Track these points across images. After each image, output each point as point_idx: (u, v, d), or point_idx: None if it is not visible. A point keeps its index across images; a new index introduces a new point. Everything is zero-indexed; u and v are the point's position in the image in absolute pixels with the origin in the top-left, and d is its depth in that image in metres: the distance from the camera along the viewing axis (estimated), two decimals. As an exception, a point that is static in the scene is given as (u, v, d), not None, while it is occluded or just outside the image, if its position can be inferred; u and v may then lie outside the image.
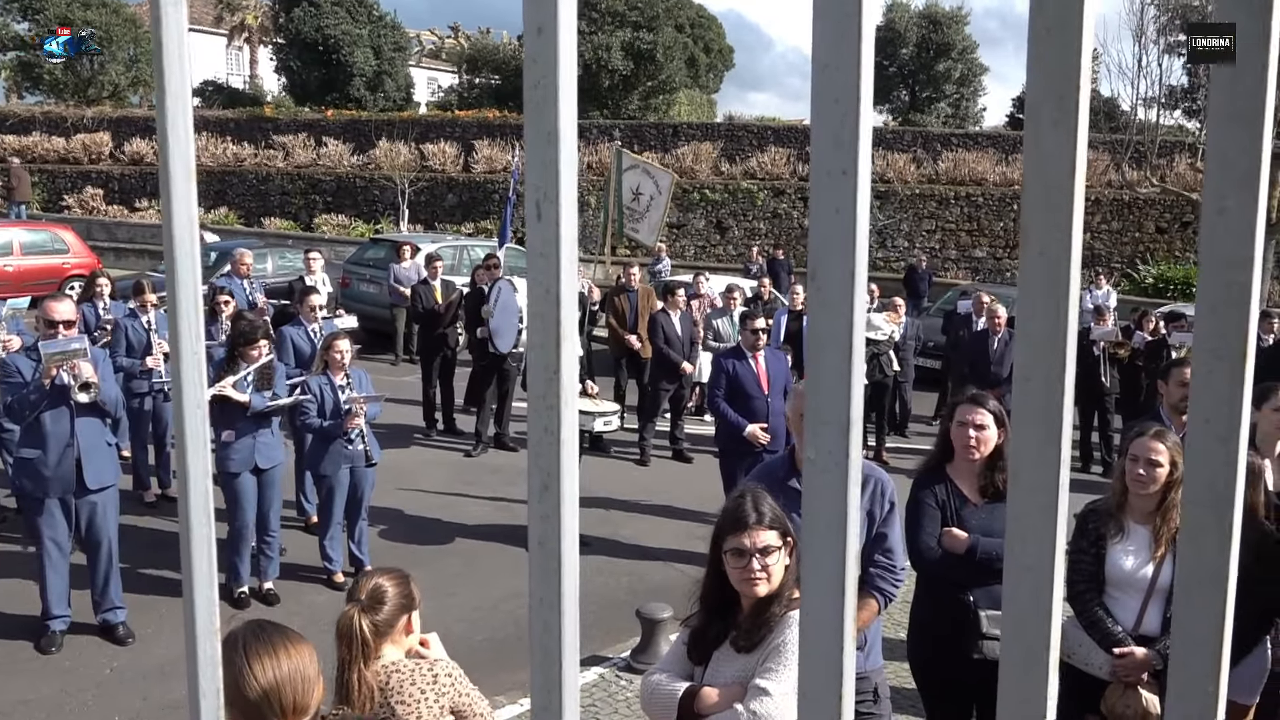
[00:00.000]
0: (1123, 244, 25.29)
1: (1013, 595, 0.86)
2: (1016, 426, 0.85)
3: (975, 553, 3.87)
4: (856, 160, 0.73)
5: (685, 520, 8.78)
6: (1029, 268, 0.84)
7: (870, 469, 3.97)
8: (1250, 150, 0.93)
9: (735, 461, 7.44)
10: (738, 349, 8.08)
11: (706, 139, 28.69)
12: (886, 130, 30.65)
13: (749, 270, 20.62)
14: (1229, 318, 0.94)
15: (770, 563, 2.74)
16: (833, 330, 0.75)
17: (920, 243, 25.79)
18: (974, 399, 4.03)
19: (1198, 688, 0.97)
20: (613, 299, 12.28)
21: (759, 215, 26.40)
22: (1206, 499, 0.95)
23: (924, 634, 4.11)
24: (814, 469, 0.75)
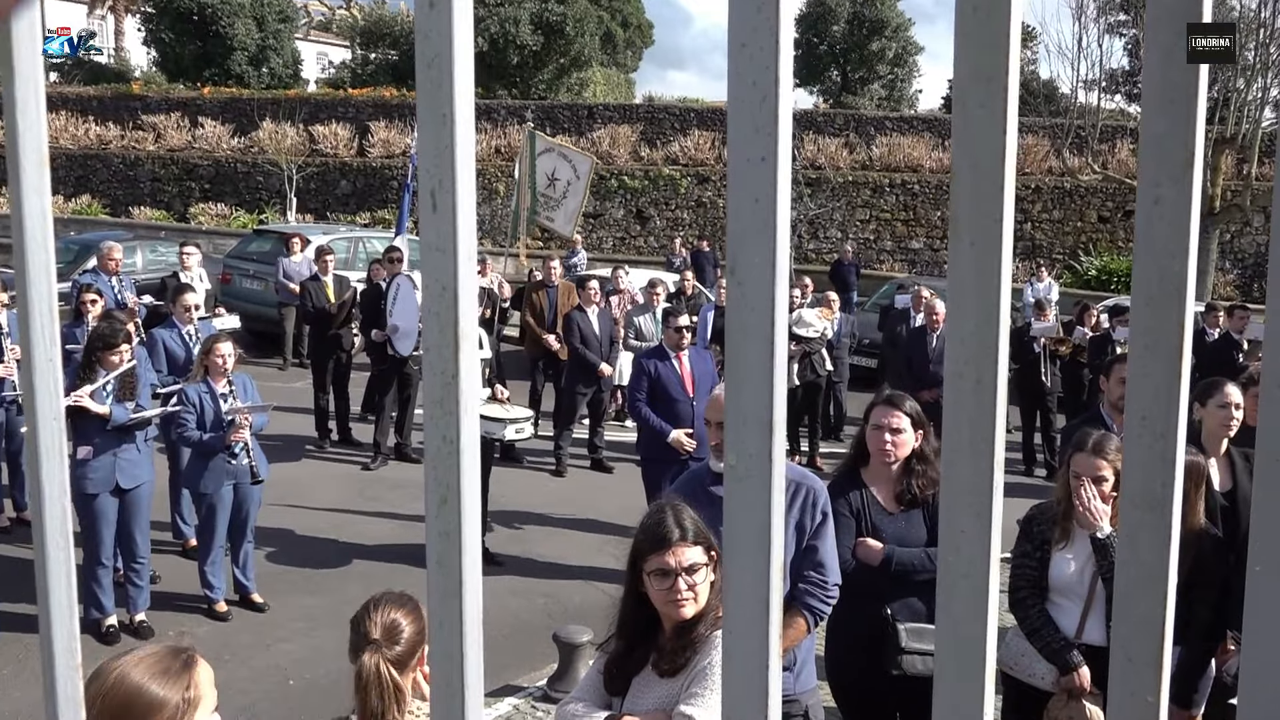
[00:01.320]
0: (1064, 234, 26.02)
1: (947, 604, 0.89)
2: (948, 427, 0.88)
3: (891, 564, 3.95)
4: (776, 146, 0.75)
5: (606, 534, 8.78)
6: (959, 259, 0.86)
7: (802, 476, 4.02)
8: (1185, 138, 0.97)
9: (659, 470, 7.46)
10: (660, 349, 8.11)
11: (624, 121, 28.75)
12: (817, 113, 31.07)
13: (672, 263, 20.72)
14: (1165, 310, 0.98)
15: (696, 581, 2.75)
16: (753, 325, 0.76)
17: (854, 233, 26.20)
18: (889, 400, 4.11)
19: (1138, 696, 1.01)
20: (530, 295, 12.23)
21: (682, 204, 26.56)
22: (1144, 499, 0.98)
23: (841, 650, 4.18)
24: (735, 475, 0.76)
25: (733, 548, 0.78)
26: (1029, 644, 3.90)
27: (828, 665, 4.31)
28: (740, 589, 0.77)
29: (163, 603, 7.01)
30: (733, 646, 0.77)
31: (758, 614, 0.76)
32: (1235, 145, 21.89)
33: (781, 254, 0.75)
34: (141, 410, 6.67)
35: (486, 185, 26.99)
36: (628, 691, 2.84)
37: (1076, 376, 12.10)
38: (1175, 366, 0.97)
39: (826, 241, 26.22)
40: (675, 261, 20.83)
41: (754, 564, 0.76)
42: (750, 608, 0.76)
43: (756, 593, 0.76)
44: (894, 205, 26.50)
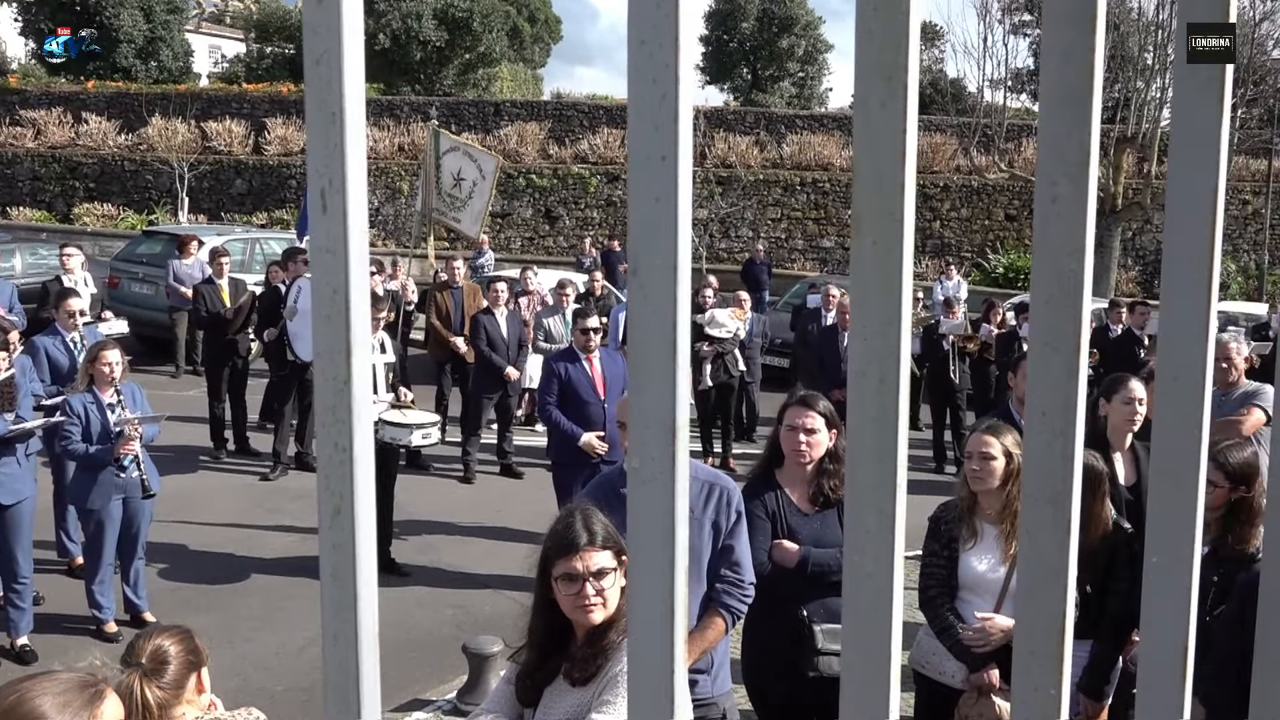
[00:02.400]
0: (972, 232, 26.66)
1: (853, 603, 0.90)
2: (852, 426, 0.89)
3: (807, 565, 4.00)
4: (676, 144, 0.75)
5: (517, 542, 8.74)
6: (861, 258, 0.88)
7: (716, 477, 4.05)
8: (1081, 136, 1.00)
9: (570, 474, 7.45)
10: (570, 351, 8.09)
11: (532, 118, 28.66)
12: (728, 111, 31.36)
13: (582, 264, 20.72)
14: (1063, 308, 1.01)
15: (605, 586, 2.75)
16: (655, 325, 0.76)
17: (765, 232, 26.49)
18: (803, 401, 4.17)
19: (1040, 689, 1.04)
20: (435, 297, 12.10)
21: (592, 203, 26.56)
22: (1044, 494, 1.02)
23: (757, 653, 4.22)
24: (638, 478, 0.76)
25: (637, 551, 0.78)
26: (940, 642, 3.98)
27: (744, 669, 4.35)
28: (644, 592, 0.77)
29: (47, 625, 6.78)
30: (637, 650, 0.78)
31: (662, 617, 0.76)
32: (1136, 144, 22.66)
33: (683, 253, 0.76)
34: (22, 422, 6.44)
35: (390, 184, 26.67)
36: (539, 702, 2.83)
37: (984, 374, 12.39)
38: (1073, 363, 1.00)
39: (738, 241, 26.46)
40: (585, 262, 20.83)
41: (658, 567, 0.76)
42: (654, 610, 0.77)
43: (660, 595, 0.76)
44: (805, 204, 26.85)
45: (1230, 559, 3.76)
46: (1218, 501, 3.86)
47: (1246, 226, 26.75)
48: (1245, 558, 3.69)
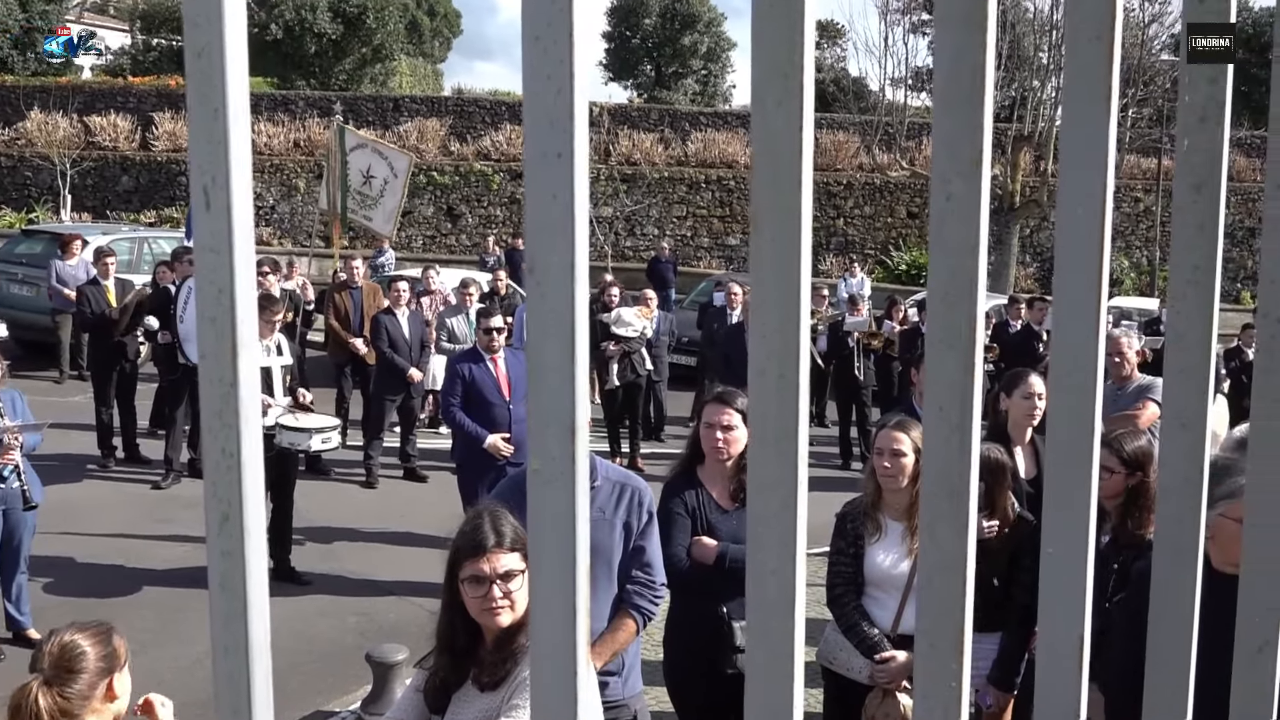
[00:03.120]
0: (875, 229, 27.16)
1: (756, 600, 0.91)
2: (753, 423, 0.91)
3: (725, 561, 4.05)
4: (573, 141, 0.75)
5: (422, 547, 8.65)
6: (760, 255, 0.89)
7: (626, 477, 4.07)
8: (973, 135, 1.03)
9: (476, 477, 7.41)
10: (474, 351, 8.05)
11: (433, 114, 28.38)
12: (632, 108, 31.45)
13: (485, 262, 20.59)
14: (958, 305, 1.03)
15: (513, 589, 2.74)
16: (554, 324, 0.76)
17: (671, 230, 26.63)
18: (720, 398, 4.21)
19: (941, 682, 1.06)
20: (333, 297, 11.93)
21: (495, 200, 26.41)
22: (942, 488, 1.04)
23: (679, 651, 4.26)
24: (539, 479, 0.76)
25: (539, 553, 0.78)
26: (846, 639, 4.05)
27: (665, 668, 4.37)
28: (547, 594, 0.77)
29: (-78, 645, 6.51)
30: (540, 652, 0.78)
31: (564, 618, 0.76)
32: (1033, 142, 23.32)
33: (580, 252, 0.76)
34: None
35: (286, 181, 26.17)
36: (448, 708, 2.81)
37: (888, 370, 12.64)
38: (969, 359, 1.03)
39: (643, 239, 26.55)
40: (489, 260, 20.71)
41: (560, 568, 0.76)
42: (556, 612, 0.77)
43: (563, 597, 0.76)
44: (710, 201, 27.06)
45: (1129, 545, 3.89)
46: (1116, 488, 3.99)
47: (1138, 224, 27.72)
48: (1144, 544, 3.81)
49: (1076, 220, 1.13)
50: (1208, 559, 3.03)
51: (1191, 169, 1.34)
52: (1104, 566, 3.98)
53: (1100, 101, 1.11)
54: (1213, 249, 1.34)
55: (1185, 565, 1.34)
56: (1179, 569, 1.35)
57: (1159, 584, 1.37)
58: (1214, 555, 3.04)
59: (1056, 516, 1.15)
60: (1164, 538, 1.37)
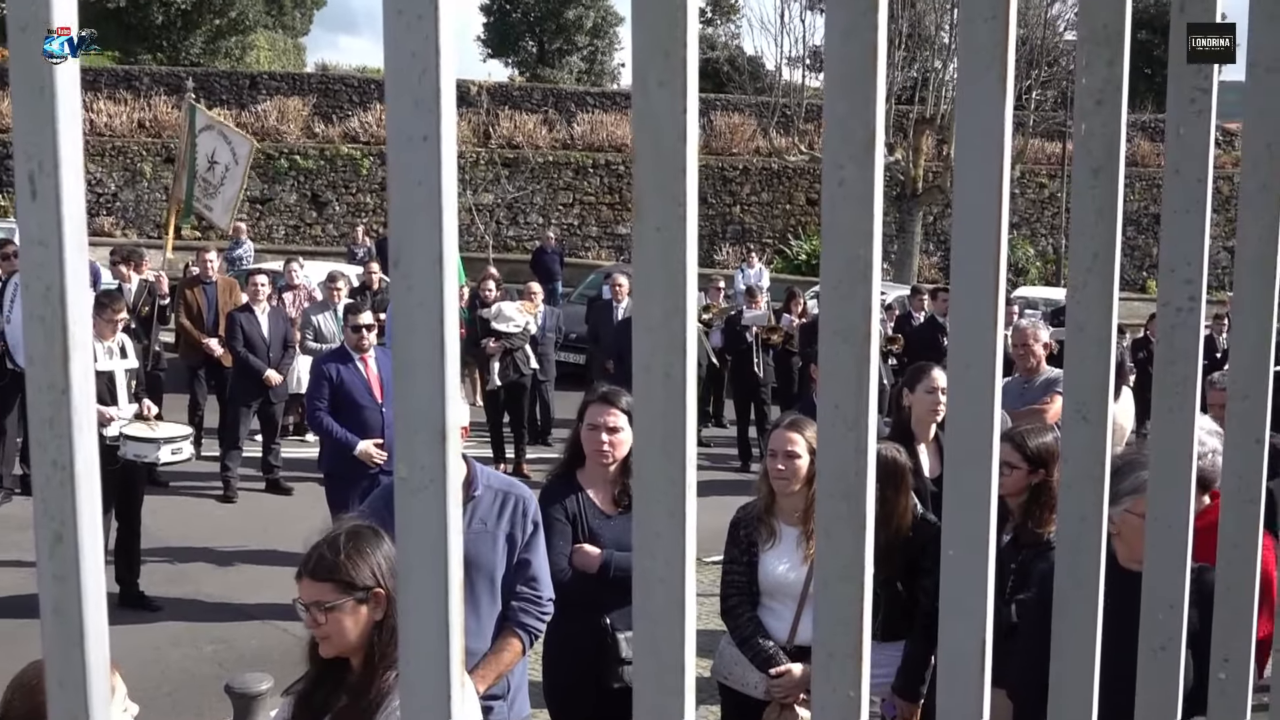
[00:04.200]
0: (774, 217, 27.50)
1: (644, 610, 0.92)
2: (638, 423, 0.91)
3: (609, 569, 4.06)
4: (439, 123, 0.75)
5: (286, 566, 8.41)
6: (644, 245, 0.90)
7: (509, 485, 4.05)
8: (865, 117, 1.05)
9: (346, 487, 7.31)
10: (342, 351, 7.93)
11: (295, 93, 27.83)
12: (513, 87, 31.29)
13: (354, 254, 20.26)
14: (852, 295, 1.06)
15: (321, 621, 2.74)
16: (421, 321, 0.76)
17: (557, 218, 26.58)
18: (605, 397, 4.22)
19: (839, 691, 1.09)
20: (184, 293, 11.64)
21: (364, 187, 26.01)
22: (838, 489, 1.06)
23: (560, 667, 4.26)
24: (407, 487, 0.76)
25: (408, 568, 0.77)
26: (741, 653, 4.09)
27: (545, 686, 4.36)
28: (417, 613, 0.77)
29: None
30: (410, 678, 0.77)
31: (436, 640, 0.76)
32: (935, 126, 23.87)
33: (449, 243, 0.76)
34: None
35: (130, 165, 25.41)
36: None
37: (788, 366, 12.80)
38: (864, 353, 1.05)
39: (527, 228, 26.45)
40: (358, 252, 20.38)
41: (431, 584, 0.76)
42: (428, 633, 0.76)
43: (435, 617, 0.76)
44: (599, 187, 27.08)
45: (1030, 544, 4.00)
46: (1018, 486, 4.10)
47: (1044, 210, 28.59)
48: (1044, 543, 3.93)
49: (973, 206, 1.17)
50: (1113, 556, 3.16)
51: (1090, 153, 1.39)
52: (1004, 566, 4.10)
53: (996, 83, 1.15)
54: (1112, 235, 1.39)
55: (1088, 563, 1.39)
56: (1081, 566, 1.40)
57: (1062, 582, 1.42)
58: (1120, 552, 3.16)
59: (956, 517, 1.19)
60: (1066, 535, 1.42)
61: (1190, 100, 1.53)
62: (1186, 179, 1.53)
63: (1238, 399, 1.70)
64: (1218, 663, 1.75)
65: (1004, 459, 4.09)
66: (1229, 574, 1.71)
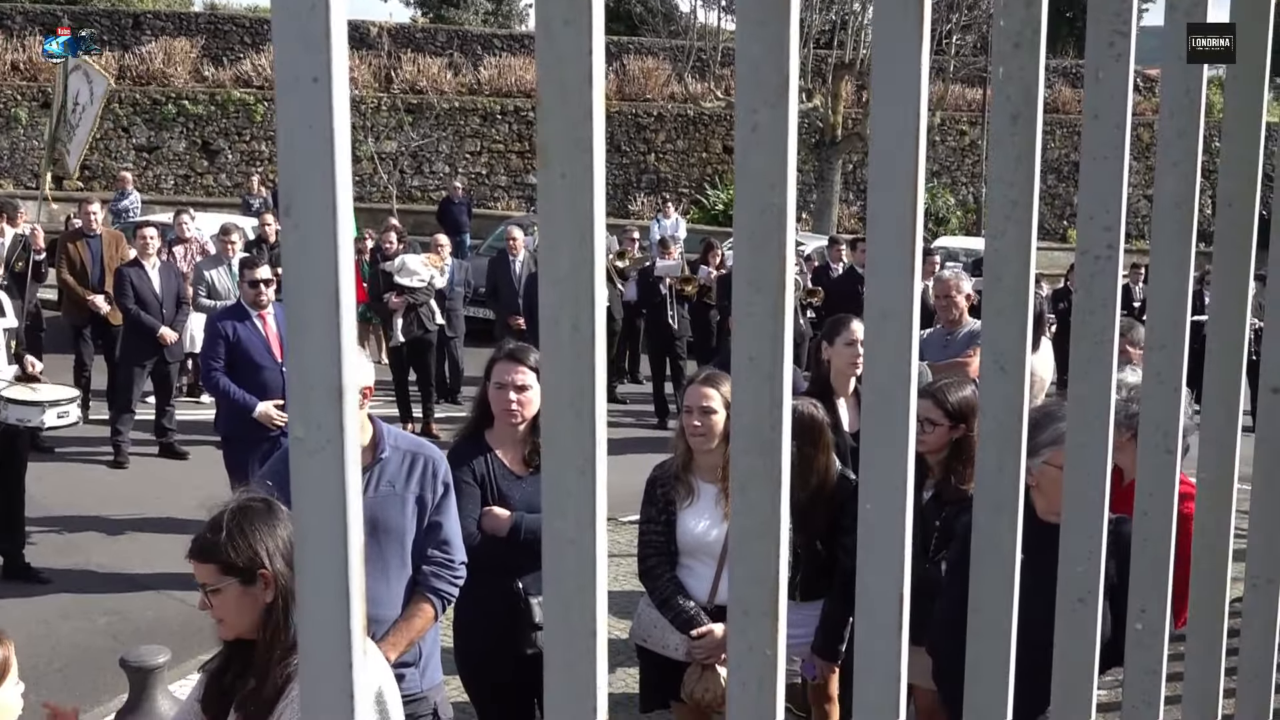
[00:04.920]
0: (690, 166, 27.50)
1: (554, 573, 0.92)
2: (546, 380, 0.91)
3: (520, 532, 4.07)
4: (330, 63, 0.73)
5: (183, 534, 8.32)
6: (549, 193, 0.89)
7: (417, 446, 4.03)
8: (779, 59, 1.05)
9: (245, 451, 7.21)
10: (239, 307, 7.80)
11: (181, 33, 27.14)
12: (415, 28, 30.81)
13: (249, 205, 19.87)
14: (766, 244, 1.06)
15: (213, 603, 2.73)
16: (314, 275, 0.74)
17: (464, 167, 26.32)
18: (512, 354, 4.20)
19: (756, 649, 1.10)
20: (66, 248, 11.34)
21: (259, 134, 25.47)
22: (754, 445, 1.07)
23: (472, 633, 4.26)
24: (303, 450, 0.75)
25: (304, 534, 0.76)
26: (661, 614, 4.13)
27: (457, 652, 4.37)
28: (315, 581, 0.76)
29: None
30: (310, 647, 0.76)
31: (335, 609, 0.75)
32: (854, 71, 23.98)
33: (343, 190, 0.74)
34: None
35: (4, 111, 24.59)
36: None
37: (705, 319, 12.85)
38: (779, 303, 1.05)
39: (433, 177, 26.16)
40: (254, 203, 19.98)
41: (329, 551, 0.75)
42: (327, 601, 0.75)
43: (333, 584, 0.75)
44: (508, 135, 26.83)
45: (953, 501, 4.09)
46: (940, 442, 4.18)
47: (964, 158, 28.96)
48: (967, 499, 4.00)
49: (890, 153, 1.18)
50: (1032, 509, 3.24)
51: (1008, 99, 1.41)
52: (926, 524, 4.18)
53: (913, 25, 1.15)
54: (1030, 183, 1.41)
55: (1005, 515, 1.42)
56: (999, 519, 1.43)
57: (979, 535, 1.45)
58: (1038, 504, 3.25)
59: (873, 471, 1.20)
60: (984, 487, 1.45)
61: (1109, 44, 1.55)
62: (1105, 124, 1.56)
63: (1155, 349, 1.74)
64: (1135, 614, 1.81)
65: (925, 415, 4.16)
66: (1146, 524, 1.76)
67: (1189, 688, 1.94)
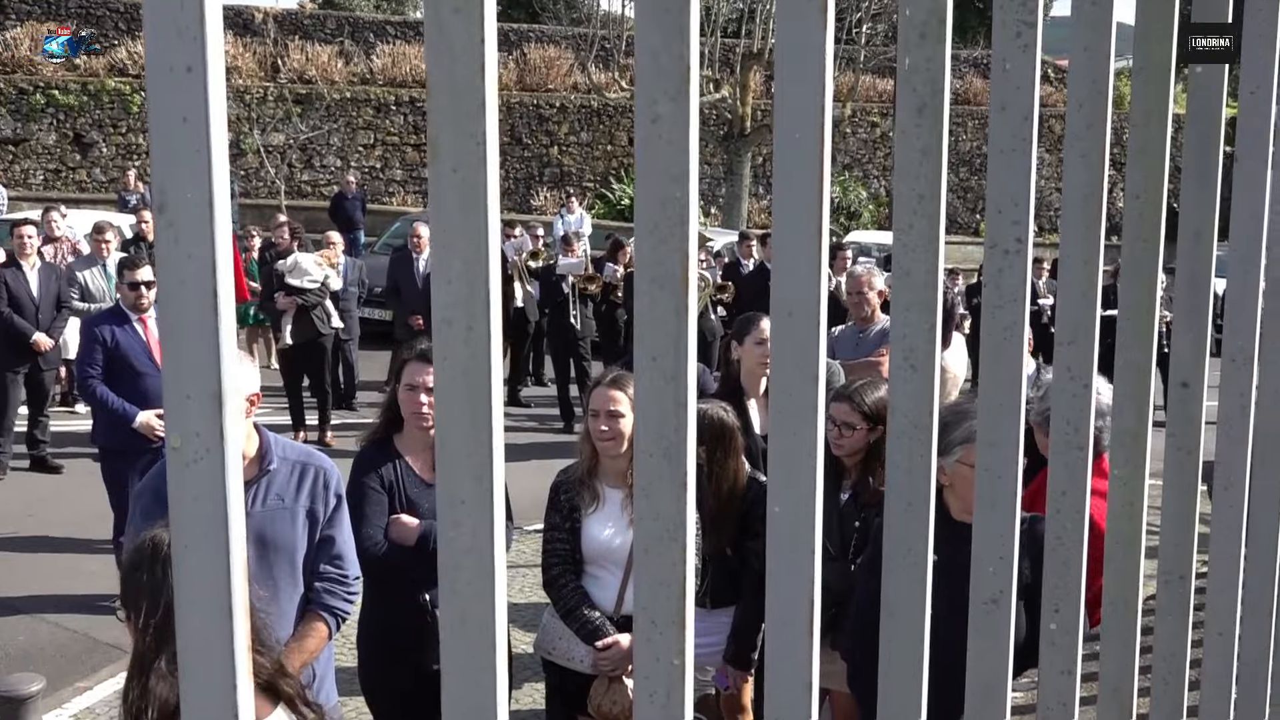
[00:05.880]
0: (594, 159, 27.52)
1: (451, 584, 0.92)
2: (440, 382, 0.91)
3: (429, 541, 4.03)
4: (205, 52, 0.72)
5: (58, 552, 8.19)
6: (441, 188, 0.89)
7: (307, 456, 3.97)
8: (680, 49, 1.06)
9: (124, 463, 7.05)
10: (117, 310, 7.62)
11: (51, 18, 26.51)
12: (303, 15, 30.39)
13: (125, 201, 19.47)
14: (669, 239, 1.07)
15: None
16: (192, 274, 0.73)
17: (357, 160, 26.05)
18: (424, 355, 4.17)
19: (663, 660, 1.11)
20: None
21: (136, 126, 24.94)
22: (657, 446, 1.08)
23: (375, 647, 4.22)
24: (179, 460, 0.73)
25: (182, 550, 0.75)
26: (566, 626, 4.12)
27: (361, 669, 4.32)
28: (194, 600, 0.75)
29: None
30: (191, 670, 0.75)
31: (218, 630, 0.74)
32: (763, 60, 24.19)
33: (220, 187, 0.73)
34: None
35: None
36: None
37: (612, 319, 12.85)
38: (682, 300, 1.06)
39: (324, 171, 25.85)
40: (130, 199, 19.59)
41: (209, 569, 0.74)
42: (208, 623, 0.74)
43: (214, 602, 0.74)
44: (403, 126, 26.61)
45: (871, 504, 4.14)
46: (858, 444, 4.23)
47: (876, 151, 29.36)
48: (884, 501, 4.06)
49: (795, 145, 1.19)
50: (946, 508, 3.30)
51: (914, 90, 1.43)
52: (845, 526, 4.23)
53: (817, 13, 1.17)
54: (937, 176, 1.43)
55: (916, 515, 1.45)
56: (910, 519, 1.45)
57: (890, 536, 1.47)
58: (952, 504, 3.31)
59: (781, 472, 1.22)
60: (895, 487, 1.47)
61: (1016, 34, 1.58)
62: (1012, 116, 1.59)
63: (1065, 344, 1.79)
64: (1049, 614, 1.85)
65: (843, 419, 4.22)
66: (1057, 523, 1.80)
67: (1104, 687, 1.99)
